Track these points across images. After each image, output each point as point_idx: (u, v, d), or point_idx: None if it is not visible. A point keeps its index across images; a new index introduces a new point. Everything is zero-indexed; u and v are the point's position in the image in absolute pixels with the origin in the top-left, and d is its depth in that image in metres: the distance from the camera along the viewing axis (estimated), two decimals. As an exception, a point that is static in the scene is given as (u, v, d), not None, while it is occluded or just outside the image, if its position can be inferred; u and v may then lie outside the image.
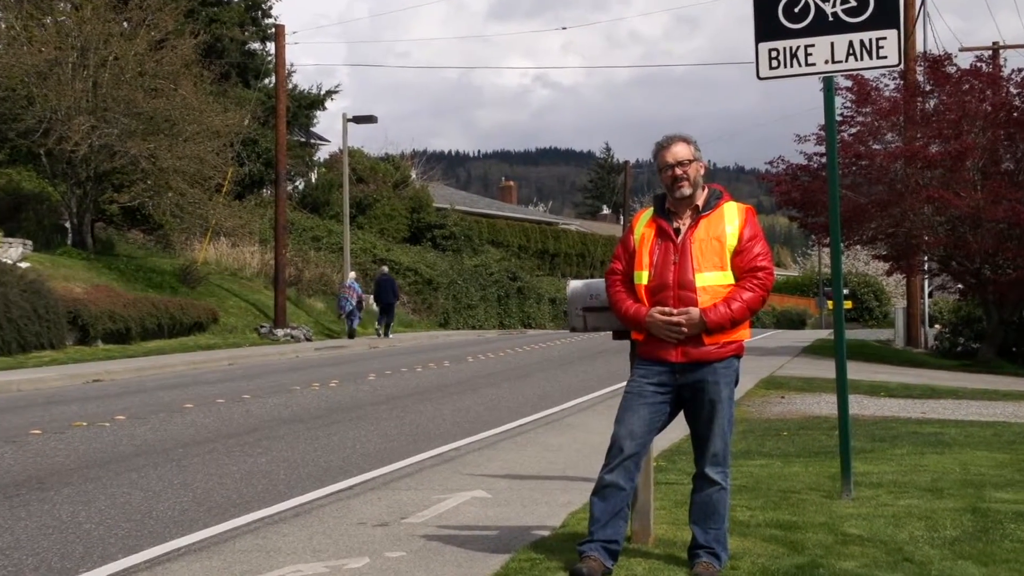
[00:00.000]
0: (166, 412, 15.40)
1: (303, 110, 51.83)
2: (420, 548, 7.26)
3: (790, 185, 33.25)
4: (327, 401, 16.96)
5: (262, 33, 51.33)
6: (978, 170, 30.65)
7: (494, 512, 8.48)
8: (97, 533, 7.87)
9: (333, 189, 51.72)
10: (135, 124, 32.95)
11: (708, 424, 6.32)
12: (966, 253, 31.41)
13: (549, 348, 32.76)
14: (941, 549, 6.93)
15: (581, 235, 75.46)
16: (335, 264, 44.83)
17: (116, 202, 35.50)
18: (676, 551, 6.83)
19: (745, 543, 7.03)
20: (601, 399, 17.09)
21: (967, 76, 31.24)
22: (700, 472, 6.38)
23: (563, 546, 7.00)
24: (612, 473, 6.31)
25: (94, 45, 32.73)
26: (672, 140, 6.49)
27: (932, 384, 21.86)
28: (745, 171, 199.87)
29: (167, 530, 7.95)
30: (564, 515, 8.18)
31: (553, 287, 59.63)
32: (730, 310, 6.20)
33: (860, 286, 77.47)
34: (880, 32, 8.72)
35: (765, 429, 13.91)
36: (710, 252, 6.29)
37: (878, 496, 8.83)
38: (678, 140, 6.48)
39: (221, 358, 27.15)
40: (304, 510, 8.65)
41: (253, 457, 11.33)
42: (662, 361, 6.33)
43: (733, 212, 6.41)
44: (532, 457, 11.37)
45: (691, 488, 6.48)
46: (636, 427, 6.33)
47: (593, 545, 6.24)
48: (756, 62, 9.03)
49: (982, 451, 11.69)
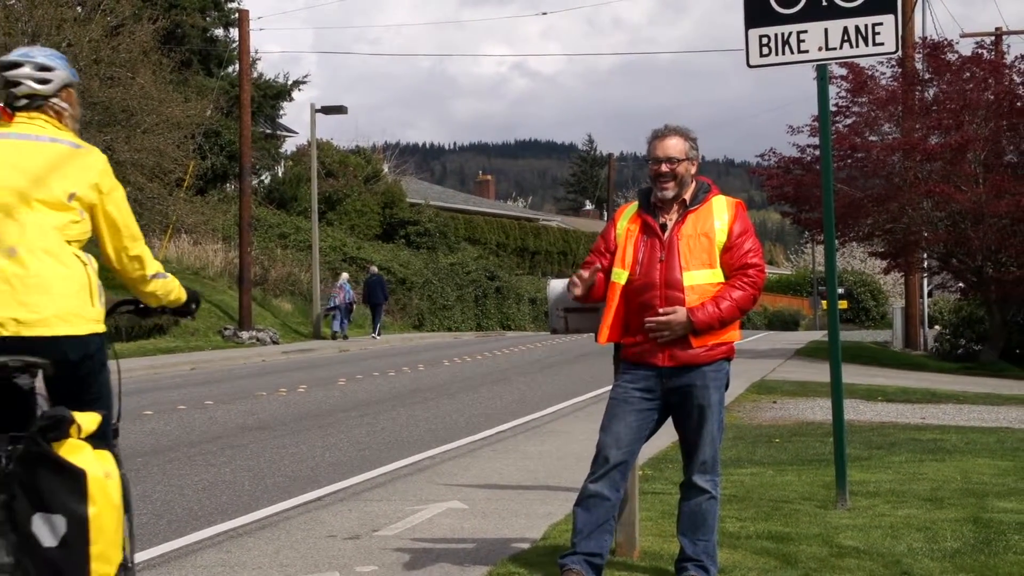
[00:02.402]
0: (124, 420, 15.26)
1: (269, 100, 51.74)
2: (393, 562, 7.25)
3: (782, 179, 33.35)
4: (295, 407, 16.94)
5: (225, 19, 51.20)
6: (980, 163, 30.77)
7: (471, 524, 8.48)
8: (50, 548, 7.83)
9: (301, 183, 51.60)
10: (90, 115, 32.79)
11: (697, 430, 6.31)
12: (967, 250, 31.54)
13: (529, 351, 32.79)
14: (941, 562, 6.95)
15: (563, 232, 75.53)
16: (303, 263, 44.76)
17: (70, 197, 35.29)
18: (663, 564, 6.84)
19: (735, 556, 7.05)
20: (583, 404, 17.11)
21: (968, 63, 31.31)
22: (688, 481, 6.38)
23: (543, 559, 7.00)
24: (597, 483, 6.30)
25: (46, 31, 32.57)
26: (668, 133, 6.42)
27: (932, 388, 21.94)
28: (735, 164, 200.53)
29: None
30: (545, 527, 8.18)
31: (533, 287, 59.64)
32: (719, 310, 6.19)
33: (856, 285, 77.66)
34: (876, 17, 8.75)
35: (756, 436, 13.94)
36: (698, 249, 6.27)
37: (875, 506, 8.86)
38: (675, 134, 6.41)
39: (182, 362, 27.09)
40: (270, 522, 8.63)
41: (216, 467, 11.30)
42: (648, 365, 6.31)
43: (722, 206, 6.39)
44: (511, 466, 11.37)
45: (679, 498, 6.48)
46: (622, 435, 6.32)
47: (575, 558, 6.23)
48: (746, 49, 9.05)
49: (984, 458, 11.74)
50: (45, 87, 4.86)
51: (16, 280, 4.54)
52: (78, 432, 4.51)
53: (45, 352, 4.55)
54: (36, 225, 4.62)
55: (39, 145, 4.76)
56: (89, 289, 4.70)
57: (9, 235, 4.59)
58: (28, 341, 4.53)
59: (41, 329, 4.54)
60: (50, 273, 4.58)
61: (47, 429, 4.44)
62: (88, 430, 4.58)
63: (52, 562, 4.40)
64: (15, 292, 4.53)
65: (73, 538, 4.40)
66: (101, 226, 4.87)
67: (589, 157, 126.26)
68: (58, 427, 4.45)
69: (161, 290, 5.15)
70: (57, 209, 4.69)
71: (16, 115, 4.82)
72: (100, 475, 4.51)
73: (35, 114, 4.84)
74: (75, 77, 5.05)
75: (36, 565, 4.42)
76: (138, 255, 5.00)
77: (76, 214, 4.74)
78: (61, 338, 4.57)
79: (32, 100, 4.84)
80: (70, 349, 4.61)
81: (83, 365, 4.71)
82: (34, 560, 4.41)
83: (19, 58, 4.88)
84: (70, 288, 4.62)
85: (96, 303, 4.74)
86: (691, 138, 6.45)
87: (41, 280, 4.56)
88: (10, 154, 4.71)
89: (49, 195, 4.67)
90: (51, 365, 4.60)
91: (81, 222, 4.77)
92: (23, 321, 4.52)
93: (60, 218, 4.69)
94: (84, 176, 4.77)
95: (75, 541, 4.40)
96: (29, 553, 4.42)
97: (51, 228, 4.65)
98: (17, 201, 4.62)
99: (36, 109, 4.85)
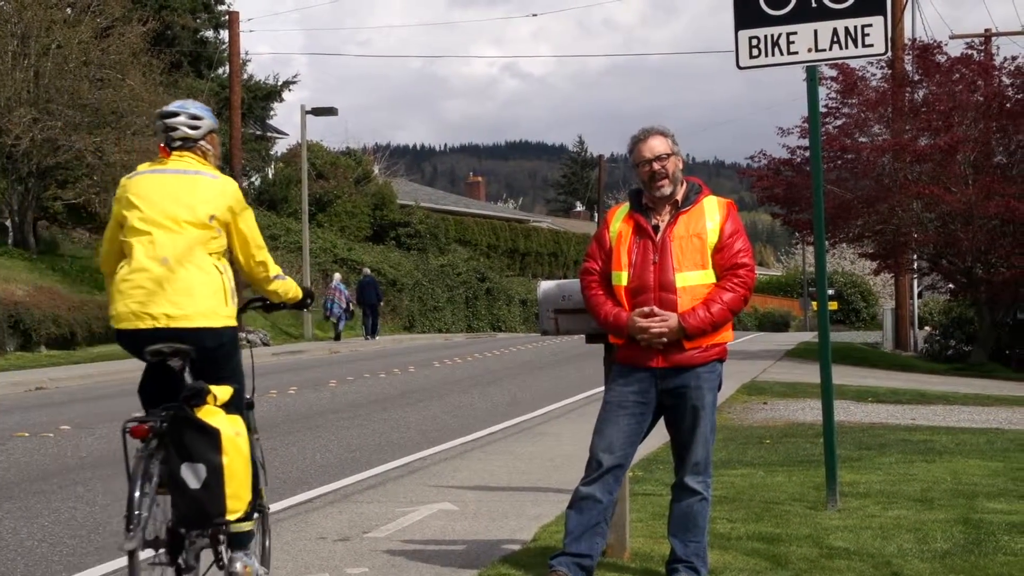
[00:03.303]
0: (114, 422, 15.31)
1: (259, 102, 51.74)
2: (383, 564, 7.25)
3: (772, 180, 33.38)
4: (285, 409, 16.91)
5: (215, 20, 51.19)
6: (969, 164, 30.81)
7: (461, 525, 8.48)
8: (40, 551, 7.83)
9: (291, 185, 51.57)
10: (80, 116, 32.79)
11: (690, 431, 6.32)
12: (957, 251, 31.59)
13: (519, 352, 32.78)
14: (931, 563, 6.96)
15: (553, 233, 75.52)
16: (293, 264, 44.65)
17: (60, 199, 35.36)
18: (654, 565, 6.84)
19: (726, 557, 7.05)
20: (574, 406, 17.09)
21: (958, 65, 31.36)
22: (680, 482, 6.38)
23: (534, 561, 7.00)
24: (590, 486, 6.31)
25: (35, 32, 32.54)
26: (649, 133, 6.47)
27: (922, 389, 21.96)
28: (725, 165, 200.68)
29: (114, 546, 7.90)
30: (535, 528, 8.18)
31: (524, 288, 59.63)
32: (710, 314, 6.20)
33: (846, 286, 77.78)
34: (866, 19, 8.77)
35: (747, 437, 13.95)
36: (691, 250, 6.28)
37: (865, 507, 8.87)
38: (655, 133, 6.46)
39: (172, 364, 26.98)
40: (260, 525, 8.62)
41: (206, 469, 11.27)
42: (643, 367, 6.32)
43: (714, 207, 6.40)
44: (502, 467, 11.37)
45: (670, 499, 6.48)
46: (615, 439, 6.32)
47: (564, 559, 6.24)
48: (736, 51, 9.07)
49: (974, 459, 11.76)
50: (195, 132, 6.13)
51: (167, 284, 5.81)
52: (214, 401, 5.80)
53: (189, 340, 5.80)
54: (184, 240, 5.88)
55: (188, 177, 6.03)
56: (224, 291, 5.96)
57: (163, 248, 5.85)
58: (176, 331, 5.79)
59: (185, 322, 5.81)
60: (193, 279, 5.85)
61: (190, 398, 5.72)
62: (222, 399, 5.86)
63: (197, 500, 5.64)
64: (166, 293, 5.81)
65: (212, 482, 5.65)
66: (234, 239, 6.14)
67: (580, 158, 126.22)
68: (198, 397, 5.74)
69: (281, 288, 6.52)
70: (200, 228, 5.93)
71: (172, 153, 6.11)
72: (232, 433, 5.77)
73: (186, 153, 6.11)
74: (216, 124, 6.30)
75: (185, 503, 5.64)
76: (263, 261, 6.33)
77: (215, 231, 5.99)
78: (201, 329, 5.84)
79: (185, 142, 6.12)
80: (208, 338, 5.86)
81: (218, 350, 5.94)
82: (184, 499, 5.64)
83: (176, 109, 6.18)
84: (208, 291, 5.88)
85: (229, 303, 5.99)
86: (670, 134, 6.51)
87: (186, 284, 5.83)
88: (166, 185, 6.00)
89: (194, 217, 5.92)
90: (194, 350, 5.81)
91: (219, 238, 6.02)
92: (172, 316, 5.79)
93: (202, 235, 5.94)
94: (221, 201, 6.02)
95: (213, 484, 5.66)
96: (180, 493, 5.64)
97: (195, 243, 5.91)
98: (170, 222, 5.89)
99: (187, 149, 6.12)
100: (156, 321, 5.79)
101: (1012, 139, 31.34)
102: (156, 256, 5.85)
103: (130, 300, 5.85)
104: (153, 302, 5.81)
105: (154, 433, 5.70)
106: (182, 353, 5.81)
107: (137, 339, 5.86)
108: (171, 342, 5.78)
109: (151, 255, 5.86)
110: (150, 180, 6.06)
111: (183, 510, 5.68)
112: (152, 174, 6.09)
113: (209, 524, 5.75)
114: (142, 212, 5.94)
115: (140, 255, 5.88)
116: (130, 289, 5.87)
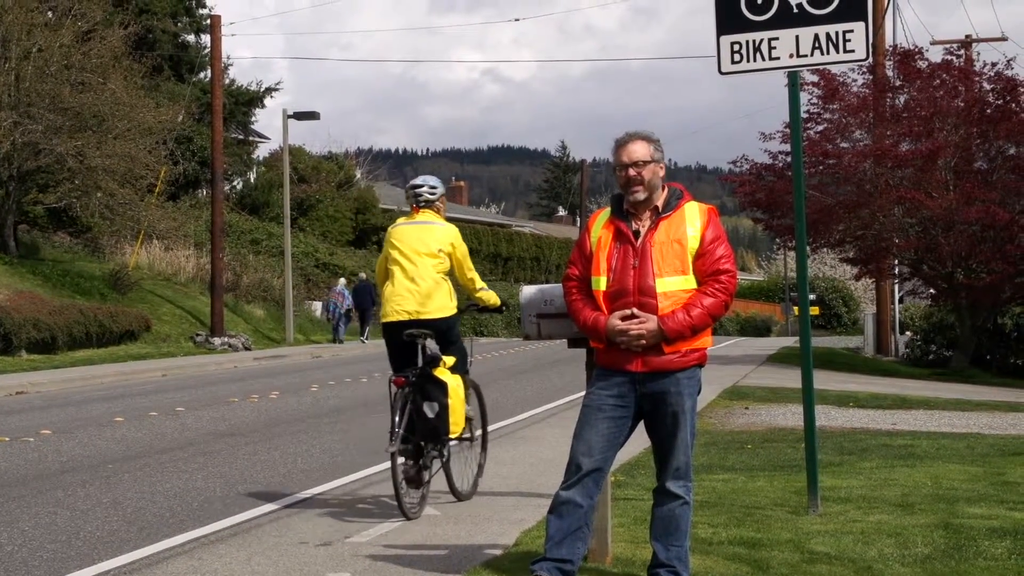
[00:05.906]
0: (95, 426, 15.28)
1: (241, 107, 51.63)
2: (365, 569, 7.24)
3: (754, 185, 33.41)
4: (267, 414, 16.89)
5: (196, 24, 51.12)
6: (950, 170, 30.92)
7: (443, 530, 8.48)
8: (20, 556, 7.81)
9: (273, 189, 51.46)
10: (61, 120, 32.67)
11: (671, 436, 6.32)
12: (938, 256, 31.66)
13: (501, 357, 32.76)
14: (912, 567, 6.99)
15: (536, 238, 75.51)
16: (275, 269, 44.67)
17: (41, 203, 35.23)
18: (635, 570, 6.85)
19: (707, 561, 7.06)
20: (556, 410, 17.09)
21: (939, 71, 31.42)
22: (661, 486, 6.38)
23: (515, 566, 7.01)
24: (570, 490, 6.30)
25: (16, 36, 32.41)
26: (630, 138, 6.47)
27: (903, 394, 22.02)
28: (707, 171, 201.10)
29: (95, 552, 7.89)
30: (516, 533, 8.18)
31: (506, 292, 59.37)
32: (690, 317, 6.21)
33: (828, 291, 78.01)
34: (847, 24, 8.80)
35: (728, 442, 13.97)
36: (671, 255, 6.29)
37: (846, 512, 8.89)
38: (637, 138, 6.46)
39: (154, 368, 26.98)
40: (242, 529, 8.61)
41: (188, 473, 11.26)
42: (622, 371, 6.33)
43: (695, 213, 6.41)
44: (483, 472, 11.34)
45: (651, 503, 6.49)
46: (595, 443, 6.32)
47: (545, 564, 6.23)
48: (718, 56, 9.09)
49: (955, 464, 11.80)
50: (432, 196, 9.53)
51: (415, 291, 9.15)
52: (444, 364, 9.07)
53: (429, 326, 9.07)
54: (424, 265, 9.22)
55: (428, 227, 9.40)
56: (448, 295, 9.23)
57: (414, 270, 9.18)
58: (421, 321, 9.09)
59: (426, 315, 9.11)
60: (430, 288, 9.16)
61: (429, 363, 8.98)
62: (449, 363, 9.15)
63: (432, 424, 8.92)
64: (415, 298, 9.13)
65: (441, 413, 8.93)
66: (453, 264, 9.41)
67: (562, 163, 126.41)
68: (434, 361, 9.01)
69: (485, 296, 9.69)
70: (433, 257, 9.26)
71: (419, 210, 9.48)
72: (454, 385, 9.08)
73: (426, 210, 9.50)
74: (444, 190, 9.74)
75: (425, 426, 8.91)
76: (472, 278, 9.60)
77: (442, 259, 9.30)
78: (436, 319, 9.13)
79: (428, 203, 9.49)
80: (440, 324, 9.14)
81: (447, 332, 9.21)
82: (425, 424, 8.91)
83: (421, 182, 9.58)
84: (439, 295, 9.18)
85: (451, 301, 9.25)
86: (654, 140, 6.48)
87: (426, 292, 9.15)
88: (416, 231, 9.37)
89: (429, 250, 9.26)
90: (433, 333, 9.03)
91: (443, 263, 9.31)
92: (419, 311, 9.11)
93: (435, 262, 9.26)
94: (446, 239, 9.37)
95: (442, 415, 8.94)
96: (423, 421, 8.89)
97: (430, 266, 9.23)
98: (417, 255, 9.23)
99: (427, 207, 9.50)
100: (409, 315, 9.08)
101: (992, 145, 31.41)
102: (408, 276, 9.17)
103: (394, 305, 9.15)
104: (407, 304, 9.11)
105: (407, 383, 8.85)
106: (425, 334, 8.96)
107: (399, 327, 9.07)
108: (419, 328, 8.99)
109: (406, 276, 9.17)
110: (405, 228, 9.41)
111: (424, 431, 8.91)
112: (406, 225, 9.46)
113: (439, 440, 9.03)
114: (400, 250, 9.27)
115: (400, 277, 9.20)
116: (393, 297, 9.19)
